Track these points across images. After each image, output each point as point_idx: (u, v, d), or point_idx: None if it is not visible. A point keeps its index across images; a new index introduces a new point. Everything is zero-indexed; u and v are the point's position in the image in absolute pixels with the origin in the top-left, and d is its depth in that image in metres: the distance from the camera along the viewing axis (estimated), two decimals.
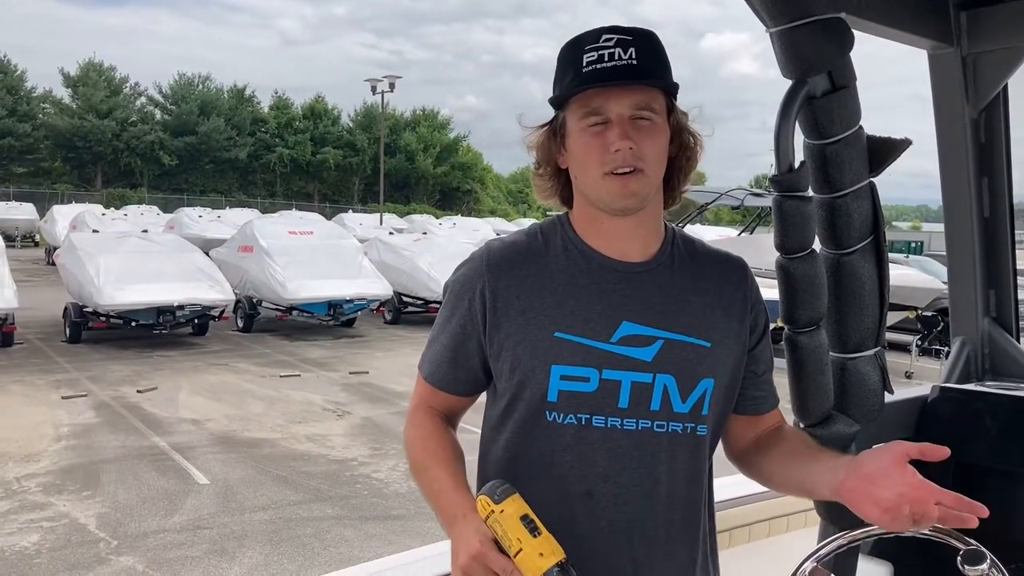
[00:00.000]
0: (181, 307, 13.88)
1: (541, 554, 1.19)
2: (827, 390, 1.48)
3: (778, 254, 1.45)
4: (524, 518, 1.22)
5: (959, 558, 1.26)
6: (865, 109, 1.50)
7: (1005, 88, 1.73)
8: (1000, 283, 1.86)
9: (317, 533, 6.38)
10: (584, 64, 1.32)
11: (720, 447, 1.52)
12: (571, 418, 1.35)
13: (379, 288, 16.12)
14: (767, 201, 15.47)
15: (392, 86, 38.01)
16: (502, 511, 1.22)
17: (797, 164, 1.42)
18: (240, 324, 16.27)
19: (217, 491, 7.17)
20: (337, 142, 60.56)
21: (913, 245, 27.17)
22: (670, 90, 1.37)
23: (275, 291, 15.35)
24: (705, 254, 1.47)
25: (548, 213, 1.59)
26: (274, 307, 15.95)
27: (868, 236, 1.52)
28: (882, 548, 1.65)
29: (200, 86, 59.65)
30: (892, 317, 12.84)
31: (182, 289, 13.82)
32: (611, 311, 1.37)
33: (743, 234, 17.84)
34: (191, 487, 7.25)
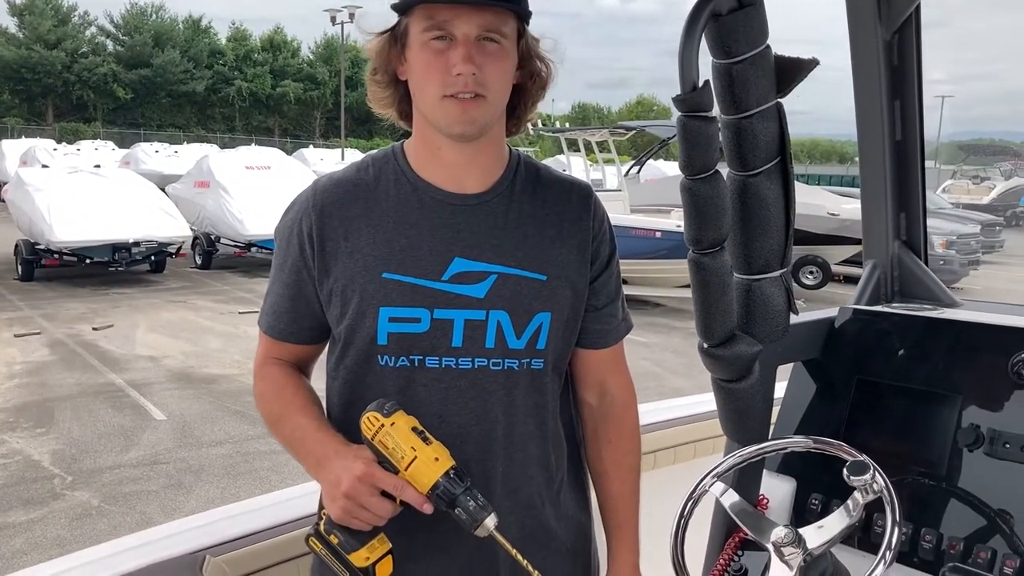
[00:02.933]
0: (137, 244, 13.67)
1: (436, 459, 1.21)
2: (730, 311, 1.50)
3: (682, 175, 1.45)
4: (415, 429, 1.22)
5: (845, 470, 1.30)
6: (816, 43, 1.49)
7: (918, 10, 1.72)
8: (910, 207, 1.88)
9: (274, 466, 6.42)
10: None
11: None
12: (403, 360, 1.33)
13: None
14: None
15: (352, 16, 36.99)
16: (393, 423, 1.22)
17: (701, 83, 1.40)
18: (198, 261, 16.10)
19: (174, 427, 7.17)
20: (297, 75, 59.15)
21: None
22: (523, 15, 1.31)
23: (233, 227, 15.15)
24: (550, 183, 1.43)
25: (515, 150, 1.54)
26: (232, 243, 15.75)
27: (774, 158, 1.52)
28: (787, 464, 1.71)
29: (154, 16, 57.61)
30: (847, 251, 13.00)
31: (137, 225, 13.57)
32: (442, 247, 1.33)
33: None
34: (148, 423, 7.24)
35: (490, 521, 1.21)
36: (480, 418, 1.34)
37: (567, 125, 20.83)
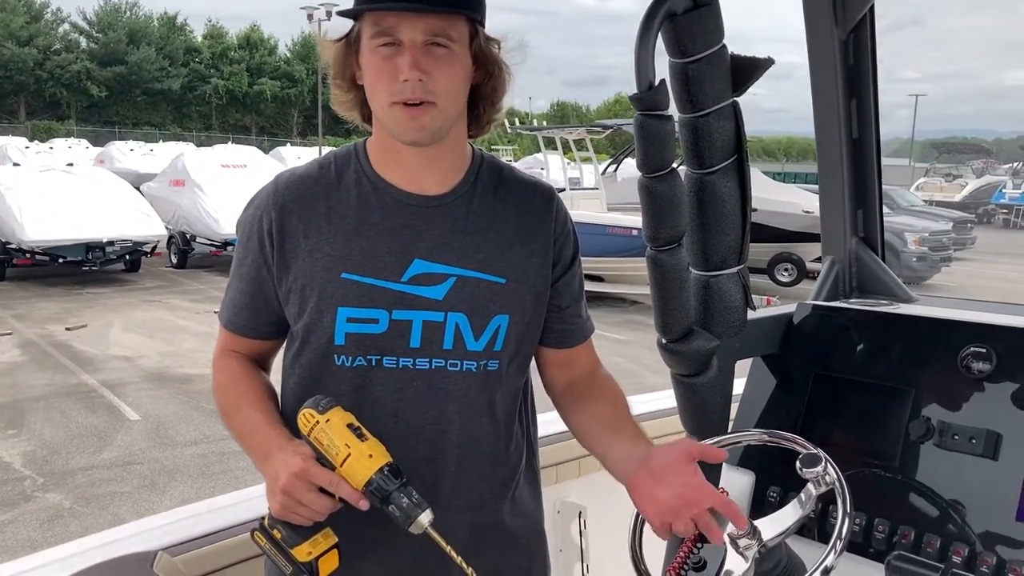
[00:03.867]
0: (111, 243, 13.57)
1: (370, 455, 1.20)
2: (687, 306, 1.52)
3: (640, 173, 1.47)
4: (350, 425, 1.22)
5: (798, 462, 1.32)
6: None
7: (872, 10, 1.75)
8: (867, 204, 1.91)
9: (249, 466, 6.25)
10: None
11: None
12: (360, 360, 1.33)
13: None
14: None
15: (329, 14, 36.77)
16: (327, 420, 1.22)
17: (657, 82, 1.42)
18: (174, 260, 16.02)
19: (148, 427, 7.12)
20: (275, 73, 58.79)
21: None
22: (473, 17, 1.29)
23: (208, 226, 15.06)
24: (512, 184, 1.42)
25: (493, 147, 1.54)
26: (208, 242, 15.66)
27: (731, 156, 1.54)
28: (746, 458, 1.73)
29: (128, 13, 57.02)
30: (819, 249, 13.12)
31: (111, 224, 13.47)
32: (402, 248, 1.32)
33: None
34: (121, 423, 7.19)
35: (424, 518, 1.20)
36: (436, 418, 1.35)
37: (544, 123, 20.87)
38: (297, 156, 31.92)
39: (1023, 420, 1.47)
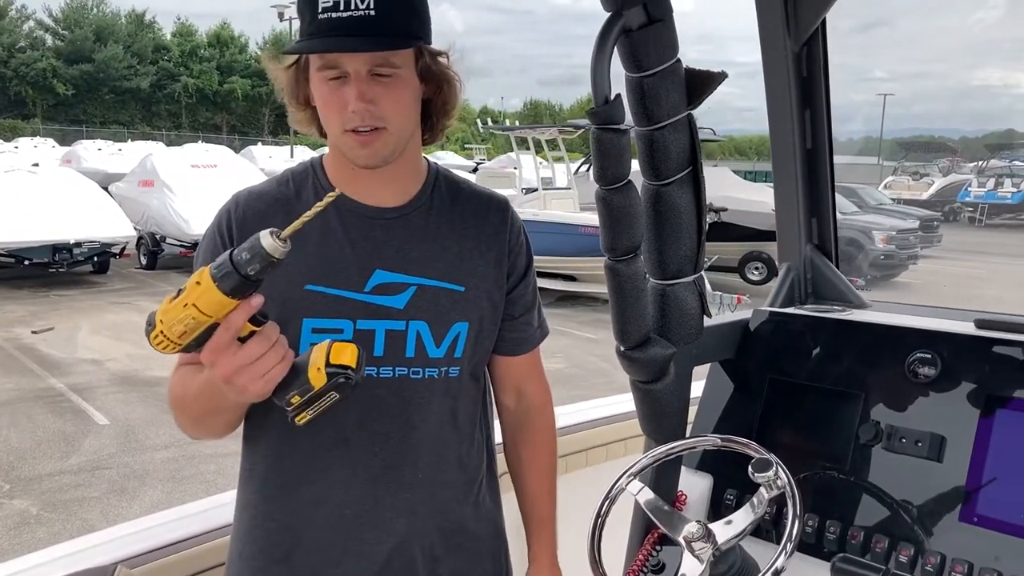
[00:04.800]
0: (78, 244, 13.39)
1: (197, 283, 1.07)
2: (645, 315, 1.55)
3: (597, 186, 1.50)
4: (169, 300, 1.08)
5: (750, 467, 1.36)
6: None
7: (824, 24, 1.79)
8: (821, 212, 1.96)
9: (220, 469, 6.36)
10: (320, 8, 1.24)
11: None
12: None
13: None
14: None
15: None
16: (161, 320, 1.08)
17: (613, 96, 1.45)
18: (143, 261, 15.83)
19: (117, 431, 7.06)
20: (245, 71, 58.23)
21: None
22: (418, 44, 1.32)
23: (178, 227, 14.91)
24: (468, 196, 1.47)
25: (467, 146, 1.55)
26: (178, 243, 15.50)
27: (686, 167, 1.57)
28: (704, 461, 1.77)
29: (95, 10, 56.23)
30: None
31: (78, 225, 13.28)
32: (364, 259, 1.36)
33: None
34: (90, 428, 7.12)
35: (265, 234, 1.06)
36: (399, 425, 1.37)
37: (517, 123, 20.88)
38: (268, 155, 31.78)
39: (966, 423, 1.52)
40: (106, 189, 15.64)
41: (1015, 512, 1.42)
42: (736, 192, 14.28)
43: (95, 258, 14.19)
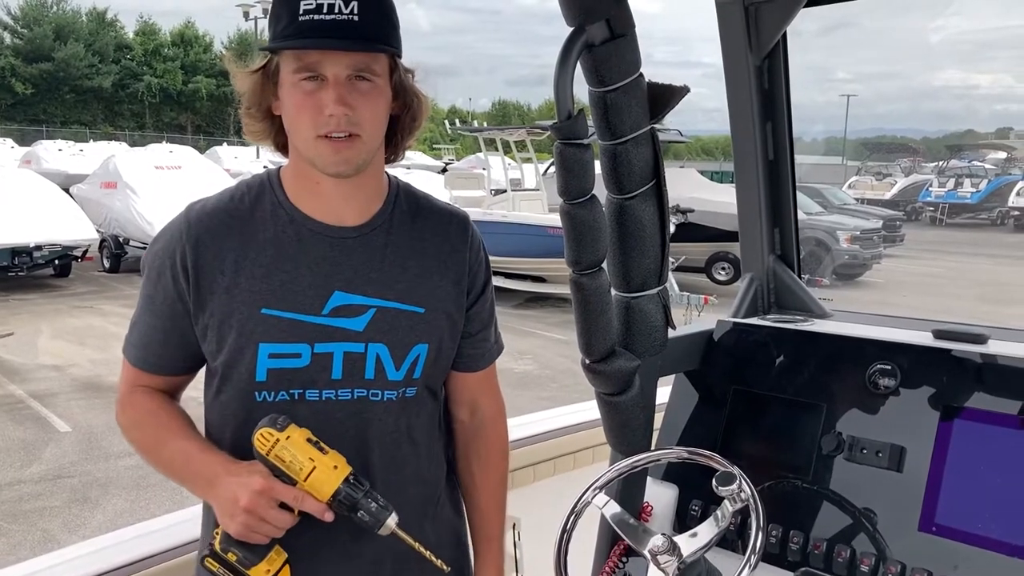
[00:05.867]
0: (38, 247, 13.15)
1: (335, 467, 1.24)
2: (610, 328, 1.56)
3: (561, 200, 1.50)
4: (310, 440, 1.24)
5: (714, 480, 1.37)
6: None
7: (784, 37, 1.81)
8: (783, 223, 1.98)
9: None
10: (301, 11, 1.22)
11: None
12: (283, 395, 1.32)
13: None
14: (663, 136, 15.77)
15: (266, 12, 36.16)
16: (288, 437, 1.23)
17: (576, 111, 1.45)
18: (106, 264, 15.60)
19: (80, 438, 6.94)
20: (210, 71, 57.47)
21: None
22: (396, 52, 1.31)
23: (142, 229, 14.69)
24: (428, 213, 1.45)
25: (435, 147, 1.54)
26: (142, 245, 15.27)
27: (649, 181, 1.58)
28: (669, 472, 1.78)
29: (55, 8, 55.18)
30: None
31: (38, 228, 13.04)
32: (322, 281, 1.33)
33: None
34: (51, 436, 6.99)
35: (392, 520, 1.26)
36: (358, 446, 1.36)
37: (485, 124, 20.86)
38: (234, 156, 31.43)
39: (925, 434, 1.54)
40: (67, 191, 15.37)
41: (972, 521, 1.45)
42: (703, 193, 14.39)
43: (56, 261, 13.96)
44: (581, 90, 1.51)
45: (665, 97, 1.57)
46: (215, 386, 1.38)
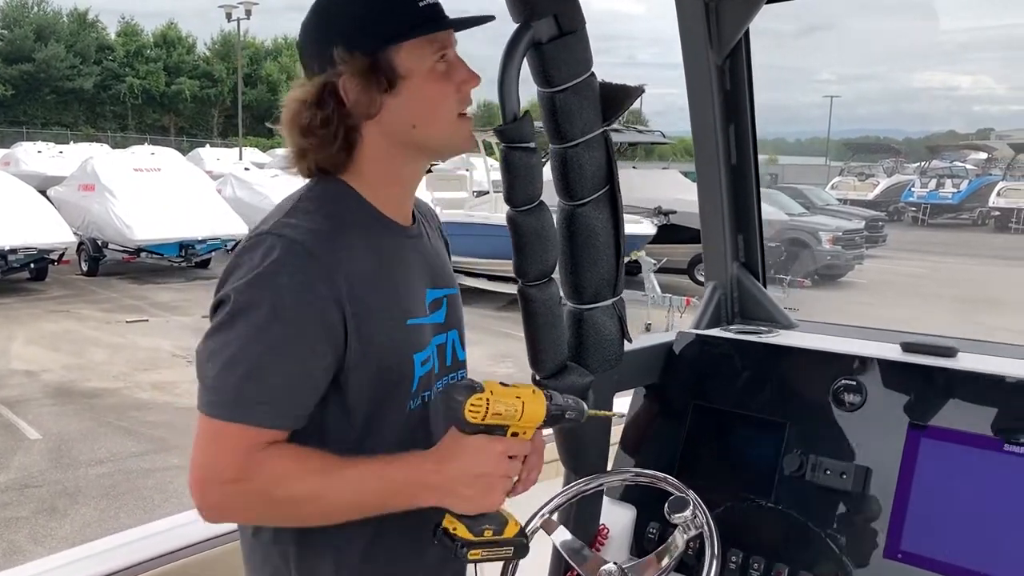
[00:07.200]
0: (13, 251, 12.99)
1: (532, 391, 1.20)
2: (560, 342, 1.48)
3: (507, 207, 1.42)
4: (500, 383, 1.19)
5: (667, 506, 1.29)
6: None
7: (747, 35, 1.73)
8: (747, 229, 1.90)
9: (159, 484, 6.18)
10: (419, 1, 1.23)
11: None
12: (418, 400, 1.29)
13: (233, 227, 15.50)
14: (625, 136, 15.77)
15: (248, 13, 36.05)
16: (491, 392, 1.16)
17: (522, 113, 1.37)
18: (84, 268, 15.44)
19: (49, 446, 6.82)
20: (193, 72, 57.11)
21: (768, 177, 28.51)
22: None
23: (120, 232, 14.58)
24: (419, 205, 1.44)
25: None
26: (121, 249, 15.14)
27: (602, 187, 1.50)
28: (626, 493, 1.70)
29: (36, 8, 54.71)
30: None
31: (13, 231, 12.89)
32: (418, 281, 1.32)
33: None
34: (20, 443, 6.87)
35: (586, 406, 1.26)
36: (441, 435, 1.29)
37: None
38: (216, 157, 31.20)
39: (891, 454, 1.47)
40: (45, 193, 15.21)
41: (939, 548, 1.38)
42: (685, 194, 14.35)
43: (32, 265, 13.78)
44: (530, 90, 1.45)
45: (619, 98, 1.49)
46: (361, 418, 1.23)
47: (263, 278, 1.14)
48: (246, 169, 21.35)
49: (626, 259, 1.52)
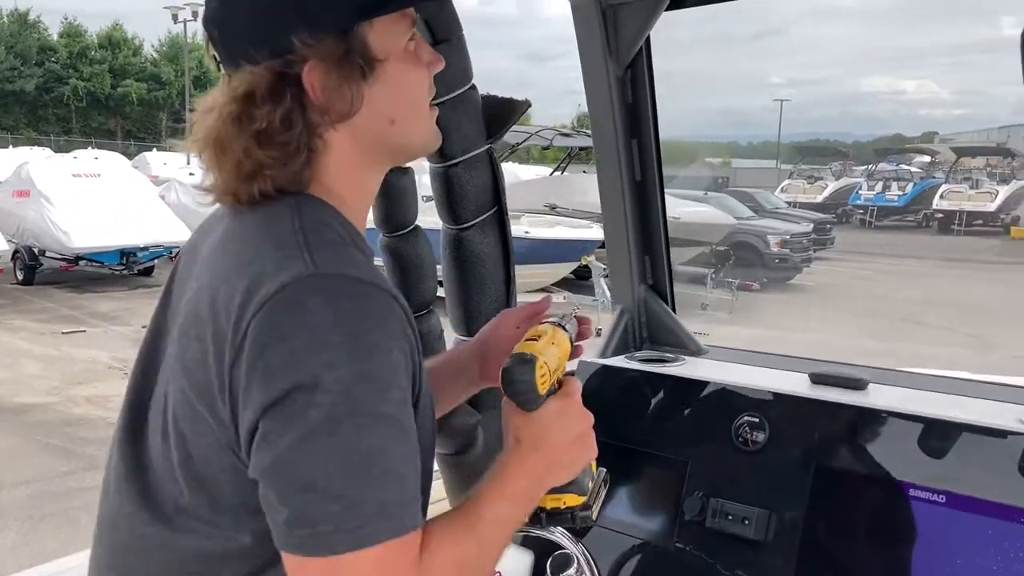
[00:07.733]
0: None
1: (552, 329, 1.15)
2: None
3: (381, 233, 1.30)
4: (527, 340, 1.10)
5: (548, 564, 1.18)
6: None
7: (648, 43, 1.63)
8: (653, 250, 1.80)
9: (87, 505, 5.91)
10: None
11: None
12: None
13: (176, 234, 15.14)
14: (576, 141, 15.75)
15: (196, 15, 35.45)
16: (538, 352, 1.05)
17: None
18: (19, 277, 14.97)
19: None
20: (140, 74, 56.06)
21: (720, 180, 28.77)
22: None
23: (57, 240, 14.16)
24: None
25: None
26: (59, 257, 14.71)
27: (488, 209, 1.39)
28: (525, 541, 1.58)
29: None
30: (688, 252, 13.40)
31: None
32: None
33: (555, 173, 18.15)
34: None
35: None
36: None
37: None
38: (163, 162, 30.45)
39: (795, 497, 1.37)
40: None
41: None
42: None
43: None
44: None
45: (504, 113, 1.38)
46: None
47: (369, 320, 0.88)
48: (191, 174, 20.88)
49: (575, 264, 1.41)
